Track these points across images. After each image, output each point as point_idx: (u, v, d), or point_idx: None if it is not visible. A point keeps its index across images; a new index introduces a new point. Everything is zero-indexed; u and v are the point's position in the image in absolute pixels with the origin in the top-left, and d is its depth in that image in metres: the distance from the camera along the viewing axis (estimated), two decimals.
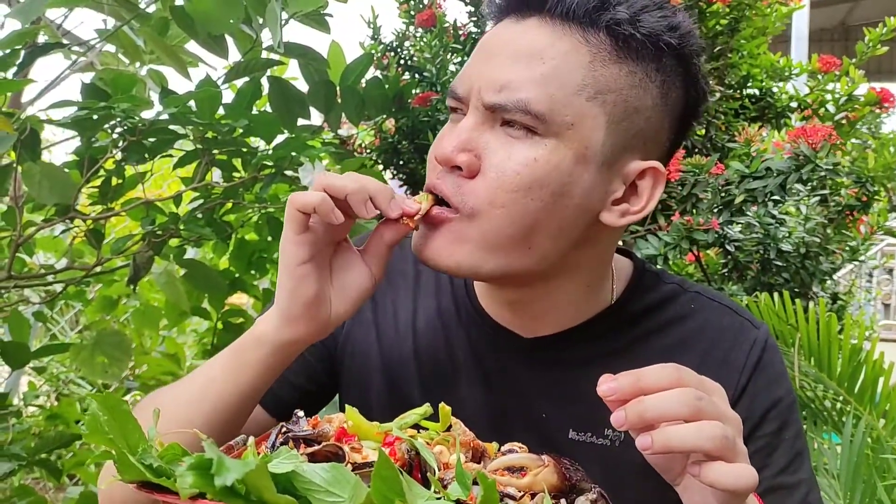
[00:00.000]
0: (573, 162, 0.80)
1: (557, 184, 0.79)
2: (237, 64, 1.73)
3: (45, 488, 2.79)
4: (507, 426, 0.91)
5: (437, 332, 0.97)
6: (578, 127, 0.79)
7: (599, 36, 0.80)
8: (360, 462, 0.57)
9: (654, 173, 0.85)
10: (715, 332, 0.92)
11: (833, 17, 10.37)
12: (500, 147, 0.80)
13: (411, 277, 1.01)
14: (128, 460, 0.48)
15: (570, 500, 0.61)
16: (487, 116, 0.81)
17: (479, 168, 0.80)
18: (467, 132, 0.80)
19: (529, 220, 0.80)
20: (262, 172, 1.73)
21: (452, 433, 0.65)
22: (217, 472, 0.42)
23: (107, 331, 1.82)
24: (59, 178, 1.59)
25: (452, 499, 0.52)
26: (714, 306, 0.95)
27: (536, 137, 0.79)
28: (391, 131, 2.29)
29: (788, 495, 0.88)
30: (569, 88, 0.79)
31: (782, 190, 1.65)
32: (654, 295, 0.95)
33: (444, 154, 0.81)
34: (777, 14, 2.22)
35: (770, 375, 0.91)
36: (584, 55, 0.80)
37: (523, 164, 0.79)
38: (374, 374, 0.98)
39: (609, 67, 0.80)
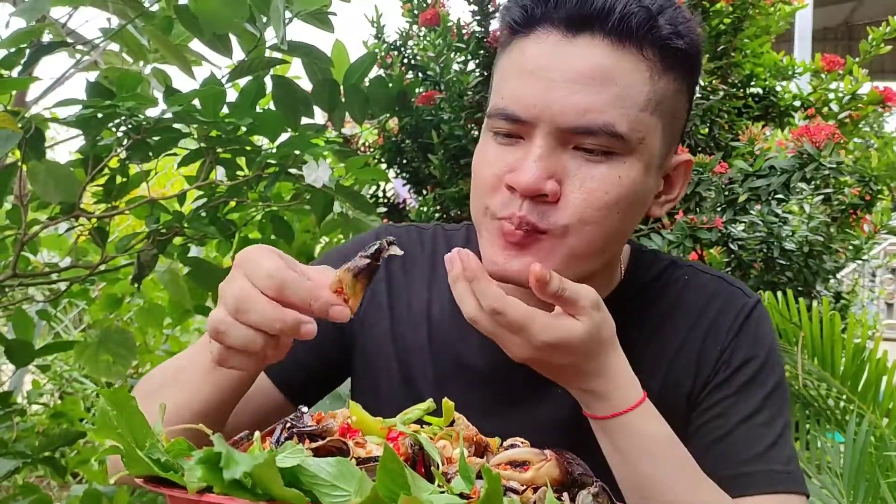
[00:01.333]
0: (644, 173, 0.84)
1: (636, 196, 0.84)
2: (241, 63, 1.73)
3: (50, 486, 2.80)
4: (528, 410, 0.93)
5: (454, 320, 0.97)
6: (647, 140, 0.83)
7: (652, 50, 0.82)
8: (364, 457, 0.58)
9: (686, 164, 0.92)
10: (706, 298, 0.97)
11: (836, 17, 10.36)
12: (579, 169, 0.82)
13: (427, 266, 1.03)
14: (136, 455, 0.49)
15: (572, 493, 0.62)
16: (560, 140, 0.82)
17: (560, 192, 0.82)
18: (546, 159, 0.81)
19: (613, 231, 0.85)
20: (266, 171, 1.73)
21: (455, 428, 0.66)
22: (226, 465, 0.43)
23: (111, 328, 1.83)
24: (63, 177, 1.59)
25: (456, 492, 0.52)
26: (706, 277, 1.01)
27: (615, 156, 0.82)
28: (395, 130, 2.30)
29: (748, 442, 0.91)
30: (638, 105, 0.81)
31: (786, 188, 1.65)
32: (653, 270, 1.01)
33: (530, 184, 0.80)
34: (780, 13, 2.22)
35: (752, 335, 0.96)
36: (644, 71, 0.82)
37: (609, 182, 0.82)
38: (388, 360, 0.99)
39: (662, 79, 0.83)
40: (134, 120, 1.50)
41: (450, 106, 2.10)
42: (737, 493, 0.88)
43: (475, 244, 1.02)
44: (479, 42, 2.12)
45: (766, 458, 0.91)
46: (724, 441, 0.91)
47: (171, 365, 0.92)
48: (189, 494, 0.47)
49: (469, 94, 2.10)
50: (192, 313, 2.29)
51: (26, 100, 1.96)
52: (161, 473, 0.49)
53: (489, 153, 0.86)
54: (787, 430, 0.96)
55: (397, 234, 1.04)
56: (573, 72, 0.80)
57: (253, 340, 0.68)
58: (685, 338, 0.96)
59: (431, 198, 2.08)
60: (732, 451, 0.90)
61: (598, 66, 0.80)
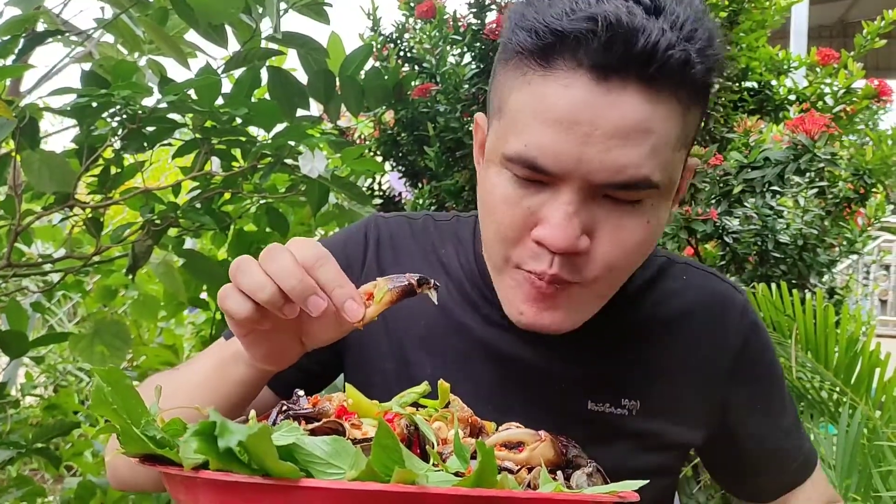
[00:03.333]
0: (668, 207, 0.83)
1: (660, 230, 0.83)
2: (237, 54, 1.73)
3: (44, 479, 2.80)
4: (525, 401, 0.93)
5: (449, 311, 0.98)
6: (673, 177, 0.80)
7: (686, 91, 0.77)
8: (359, 438, 0.58)
9: (692, 168, 0.91)
10: (707, 297, 1.00)
11: (832, 14, 10.37)
12: (609, 218, 0.78)
13: (418, 257, 1.02)
14: (131, 432, 0.49)
15: (567, 474, 0.62)
16: (591, 193, 0.77)
17: (590, 244, 0.79)
18: (578, 215, 0.77)
19: (635, 267, 0.85)
20: (261, 161, 1.73)
21: (451, 409, 0.66)
22: (221, 434, 0.43)
23: (106, 320, 1.82)
24: (58, 167, 1.59)
25: (451, 471, 0.52)
26: (702, 275, 1.03)
27: (645, 201, 0.79)
28: (390, 123, 2.29)
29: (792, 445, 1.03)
30: (671, 148, 0.77)
31: (780, 180, 1.65)
32: (650, 268, 1.00)
33: (565, 246, 0.76)
34: (776, 7, 2.23)
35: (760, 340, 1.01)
36: (678, 115, 0.77)
37: (639, 229, 0.79)
38: (382, 357, 0.99)
39: (690, 114, 0.79)
40: (129, 109, 1.49)
41: (446, 98, 2.10)
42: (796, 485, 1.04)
43: (467, 238, 1.02)
44: (475, 34, 2.12)
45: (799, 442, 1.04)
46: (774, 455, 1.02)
47: (176, 374, 0.92)
48: (185, 472, 0.47)
49: (465, 86, 2.10)
50: (186, 306, 2.29)
51: (20, 90, 1.95)
52: (157, 450, 0.49)
53: (507, 195, 0.80)
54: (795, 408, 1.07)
55: (387, 225, 1.04)
56: (610, 126, 0.73)
57: (264, 286, 0.67)
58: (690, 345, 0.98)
59: (427, 190, 2.08)
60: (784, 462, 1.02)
61: (636, 120, 0.73)
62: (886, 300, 7.72)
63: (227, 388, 0.83)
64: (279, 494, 0.46)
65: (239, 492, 0.46)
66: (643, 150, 0.74)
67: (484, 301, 0.97)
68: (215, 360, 0.86)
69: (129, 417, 0.49)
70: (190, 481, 0.48)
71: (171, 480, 0.52)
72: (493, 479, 0.47)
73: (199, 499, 0.49)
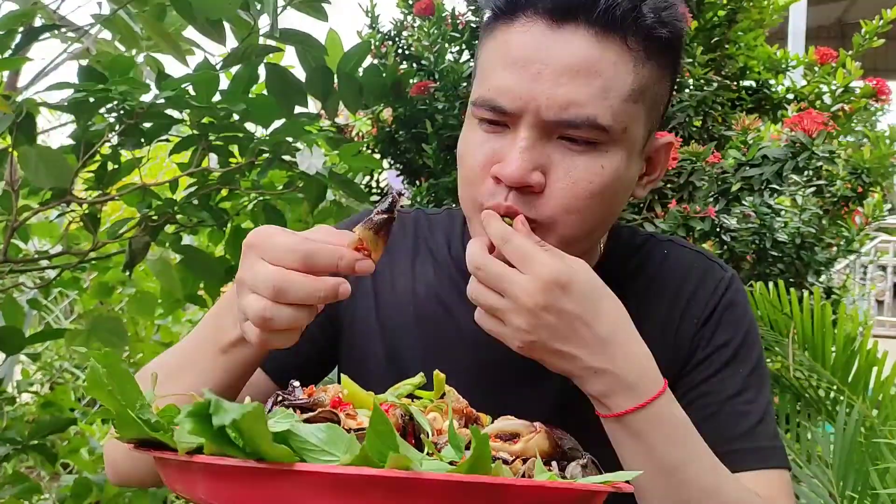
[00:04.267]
0: (627, 160, 0.85)
1: (619, 183, 0.85)
2: (234, 50, 1.73)
3: (40, 476, 2.79)
4: (514, 384, 0.93)
5: (439, 299, 0.99)
6: (630, 129, 0.83)
7: (636, 39, 0.82)
8: (354, 428, 0.57)
9: (668, 146, 0.93)
10: (684, 271, 0.99)
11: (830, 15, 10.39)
12: (563, 159, 0.82)
13: (409, 249, 1.04)
14: (127, 416, 0.48)
15: (562, 465, 0.62)
16: (545, 131, 0.82)
17: (545, 183, 0.82)
18: (531, 150, 0.81)
19: (598, 219, 0.86)
20: (258, 158, 1.73)
21: (446, 400, 0.66)
22: (215, 412, 0.43)
23: (103, 316, 1.82)
24: (55, 162, 1.58)
25: (446, 461, 0.52)
26: (684, 251, 1.03)
27: (598, 145, 0.82)
28: (388, 120, 2.29)
29: (736, 420, 0.93)
30: (622, 97, 0.81)
31: (779, 177, 1.65)
32: (631, 245, 1.02)
33: (515, 176, 0.81)
34: (774, 6, 2.23)
35: (732, 314, 0.97)
36: (629, 61, 0.82)
37: (592, 173, 0.82)
38: (373, 342, 1.00)
39: (645, 67, 0.83)
40: (127, 104, 1.49)
41: (444, 96, 2.09)
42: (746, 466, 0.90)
43: (458, 229, 1.03)
44: (473, 32, 2.12)
45: (753, 434, 0.92)
46: (711, 420, 0.92)
47: (175, 353, 0.92)
48: (179, 456, 0.46)
49: (463, 84, 2.10)
50: (182, 303, 2.28)
51: (17, 86, 1.95)
52: (152, 434, 0.49)
53: (474, 140, 0.86)
54: (771, 406, 0.98)
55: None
56: (559, 64, 0.80)
57: (298, 318, 0.70)
58: (666, 312, 0.97)
59: (425, 188, 2.08)
60: (720, 430, 0.91)
61: (583, 59, 0.80)
62: (883, 300, 7.73)
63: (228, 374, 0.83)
64: (274, 478, 0.46)
65: (233, 476, 0.46)
66: (591, 90, 0.79)
67: None
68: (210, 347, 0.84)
69: (124, 401, 0.49)
70: (185, 466, 0.48)
71: (166, 466, 0.51)
72: (488, 467, 0.47)
73: (195, 484, 0.49)
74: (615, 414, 0.79)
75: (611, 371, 0.78)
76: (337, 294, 0.69)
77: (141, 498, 2.13)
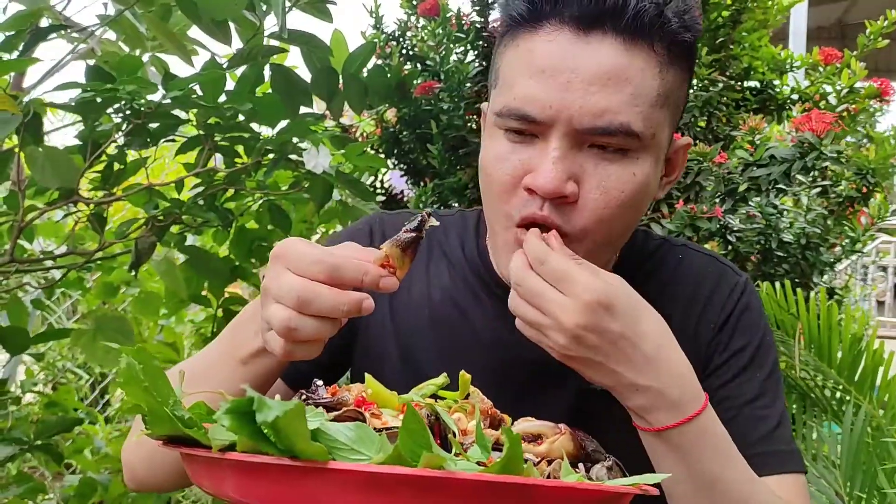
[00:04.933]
0: (655, 165, 0.85)
1: (648, 189, 0.85)
2: (240, 51, 1.72)
3: (44, 476, 2.79)
4: (530, 386, 0.93)
5: (454, 302, 0.99)
6: (658, 135, 0.84)
7: (662, 45, 0.82)
8: (379, 427, 0.57)
9: (686, 146, 0.93)
10: (698, 276, 0.99)
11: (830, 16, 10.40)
12: (596, 168, 0.82)
13: (423, 251, 1.03)
14: (160, 411, 0.48)
15: (586, 467, 0.62)
16: (576, 140, 0.81)
17: (579, 193, 0.82)
18: (563, 160, 0.81)
19: (626, 226, 0.87)
20: (264, 158, 1.72)
21: (471, 400, 0.65)
22: (259, 409, 0.43)
23: (108, 316, 1.82)
24: (62, 162, 1.58)
25: (473, 461, 0.52)
26: (698, 256, 1.02)
27: (629, 154, 0.82)
28: (393, 121, 2.29)
29: (755, 424, 0.94)
30: (650, 102, 0.81)
31: (786, 178, 1.65)
32: (645, 249, 1.02)
33: (552, 188, 0.80)
34: (778, 7, 2.23)
35: (748, 319, 0.98)
36: (655, 66, 0.82)
37: (625, 181, 0.82)
38: (389, 346, 0.99)
39: (669, 72, 0.83)
40: (135, 104, 1.49)
41: (449, 96, 2.10)
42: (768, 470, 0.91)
43: (471, 230, 1.03)
44: (478, 32, 2.12)
45: (771, 439, 0.93)
46: (730, 425, 0.90)
47: (193, 364, 0.91)
48: (212, 453, 0.46)
49: (468, 84, 2.10)
50: (187, 303, 2.28)
51: (23, 86, 1.94)
52: (185, 431, 0.48)
53: (500, 152, 0.85)
54: (786, 409, 0.98)
55: (391, 220, 1.05)
56: (589, 73, 0.79)
57: (322, 329, 0.70)
58: (681, 317, 0.96)
59: (430, 188, 2.08)
60: (739, 435, 0.90)
61: (613, 67, 0.79)
62: (884, 301, 7.73)
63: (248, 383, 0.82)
64: (306, 476, 0.46)
65: (265, 473, 0.46)
66: (622, 97, 0.79)
67: (487, 291, 0.98)
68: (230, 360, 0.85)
69: (159, 397, 0.49)
70: (215, 463, 0.48)
71: (195, 463, 0.51)
72: (520, 467, 0.47)
73: (223, 481, 0.49)
74: (656, 429, 0.79)
75: (655, 388, 0.78)
76: (360, 309, 0.69)
77: (145, 498, 2.13)
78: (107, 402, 3.36)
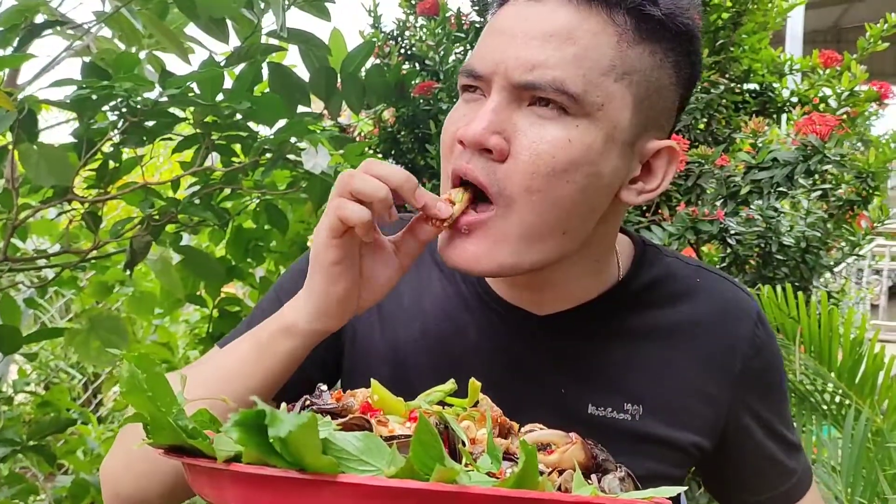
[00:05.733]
0: (603, 142, 0.79)
1: (590, 165, 0.79)
2: (238, 49, 1.71)
3: (36, 477, 2.76)
4: (525, 404, 0.90)
5: (446, 314, 0.95)
6: (608, 108, 0.79)
7: (623, 16, 0.80)
8: (386, 435, 0.56)
9: (670, 152, 0.86)
10: (720, 304, 0.96)
11: (826, 19, 10.42)
12: (530, 128, 0.78)
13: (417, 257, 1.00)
14: (164, 421, 0.47)
15: (598, 478, 0.60)
16: (514, 97, 0.79)
17: (508, 151, 0.79)
18: (495, 113, 0.78)
19: (566, 204, 0.80)
20: (262, 157, 1.71)
21: (480, 408, 0.64)
22: (272, 423, 0.41)
23: (102, 315, 1.80)
24: (57, 160, 1.56)
25: (483, 472, 0.51)
26: (715, 279, 0.98)
27: (568, 118, 0.78)
28: (391, 121, 2.28)
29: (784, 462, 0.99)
30: (599, 69, 0.78)
31: (789, 181, 1.64)
32: (658, 269, 0.96)
33: (474, 136, 0.78)
34: (778, 9, 2.22)
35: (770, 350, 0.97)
36: (612, 35, 0.79)
37: (557, 145, 0.78)
38: (377, 359, 0.96)
39: (634, 48, 0.80)
40: (131, 101, 1.47)
41: (448, 96, 2.08)
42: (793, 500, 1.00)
43: None
44: (477, 32, 2.11)
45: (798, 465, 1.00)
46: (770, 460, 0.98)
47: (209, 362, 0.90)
48: (217, 464, 0.45)
49: None
50: (182, 303, 2.26)
51: (17, 83, 1.92)
52: (189, 441, 0.47)
53: (455, 112, 0.85)
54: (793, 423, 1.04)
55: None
56: (535, 29, 0.79)
57: (379, 187, 0.74)
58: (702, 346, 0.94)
59: (428, 189, 2.06)
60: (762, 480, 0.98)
61: (560, 26, 0.78)
62: (878, 305, 7.75)
63: (267, 370, 0.82)
64: (314, 490, 0.44)
65: (271, 486, 0.44)
66: (562, 55, 0.77)
67: (480, 303, 0.95)
68: (256, 340, 0.84)
69: (162, 406, 0.47)
70: (218, 474, 0.46)
71: (196, 474, 0.50)
72: (536, 481, 0.45)
73: (225, 493, 0.47)
74: None
75: None
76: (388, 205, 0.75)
77: None
78: (100, 402, 3.33)
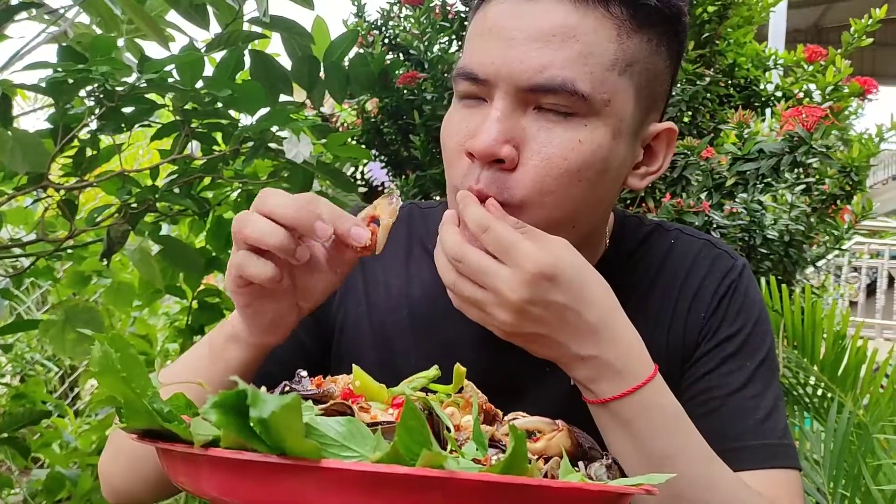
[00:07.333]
0: (610, 138, 0.79)
1: (600, 162, 0.79)
2: (219, 35, 1.68)
3: (10, 471, 2.72)
4: (516, 385, 0.89)
5: (436, 299, 0.93)
6: (614, 102, 0.78)
7: (619, 7, 0.78)
8: (369, 421, 0.54)
9: (669, 133, 0.87)
10: (691, 261, 0.95)
11: (807, 19, 10.51)
12: (539, 132, 0.77)
13: (403, 246, 0.99)
14: (137, 404, 0.45)
15: (584, 465, 0.59)
16: (519, 101, 0.77)
17: (519, 159, 0.77)
18: (503, 121, 0.77)
19: (577, 202, 0.80)
20: (243, 146, 1.68)
21: (465, 394, 0.62)
22: (253, 403, 0.39)
23: (78, 307, 1.76)
24: (32, 145, 1.52)
25: (468, 458, 0.49)
26: (692, 240, 0.98)
27: (576, 118, 0.77)
28: (374, 111, 2.25)
29: (740, 415, 0.89)
30: (603, 65, 0.77)
31: (775, 172, 1.64)
32: (638, 235, 0.97)
33: (485, 149, 0.76)
34: (763, 4, 2.22)
35: (739, 304, 0.93)
36: (611, 29, 0.77)
37: (568, 147, 0.77)
38: (365, 347, 0.95)
39: (632, 38, 0.79)
40: (108, 86, 1.44)
41: (433, 86, 2.06)
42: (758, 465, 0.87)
43: None
44: (462, 21, 2.09)
45: (758, 431, 0.88)
46: (713, 416, 0.88)
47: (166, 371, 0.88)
48: (194, 449, 0.43)
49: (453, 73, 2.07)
50: (161, 294, 2.23)
51: None
52: (164, 424, 0.45)
53: (453, 118, 0.83)
54: (780, 402, 0.93)
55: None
56: (533, 29, 0.76)
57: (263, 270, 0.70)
58: (672, 303, 0.93)
59: (412, 180, 2.04)
60: (723, 426, 0.87)
61: (560, 23, 0.76)
62: (857, 301, 7.82)
63: (223, 375, 0.80)
64: (295, 475, 0.42)
65: (251, 471, 0.43)
66: (567, 54, 0.76)
67: None
68: (205, 350, 0.83)
69: (137, 389, 0.45)
70: (194, 460, 0.44)
71: (172, 459, 0.48)
72: (524, 467, 0.44)
73: (201, 481, 0.45)
74: (601, 400, 0.75)
75: (598, 357, 0.74)
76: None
77: None
78: (76, 394, 3.29)
